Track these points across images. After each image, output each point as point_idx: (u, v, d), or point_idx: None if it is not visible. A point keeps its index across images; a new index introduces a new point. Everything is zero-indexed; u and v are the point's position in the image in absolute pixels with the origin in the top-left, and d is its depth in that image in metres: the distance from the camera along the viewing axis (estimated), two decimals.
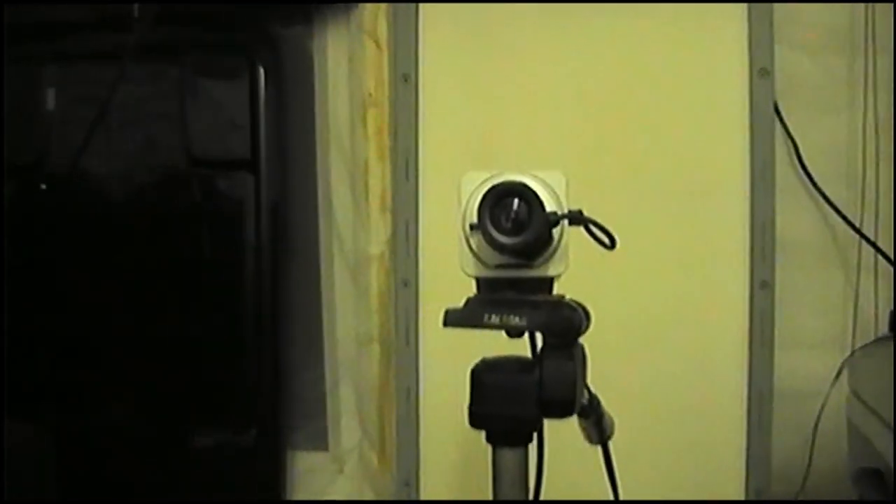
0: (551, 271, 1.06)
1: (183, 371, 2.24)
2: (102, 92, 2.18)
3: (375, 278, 2.22)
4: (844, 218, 2.10)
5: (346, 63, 2.26)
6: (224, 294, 2.25)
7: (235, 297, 2.23)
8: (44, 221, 2.26)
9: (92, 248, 2.26)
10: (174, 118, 2.23)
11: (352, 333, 2.30)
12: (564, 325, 1.05)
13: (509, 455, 1.09)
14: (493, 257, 1.04)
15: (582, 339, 1.12)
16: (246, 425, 2.22)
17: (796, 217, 2.12)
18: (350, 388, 2.32)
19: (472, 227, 1.02)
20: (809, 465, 2.07)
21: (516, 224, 1.00)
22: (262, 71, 2.22)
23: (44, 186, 2.26)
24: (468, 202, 1.04)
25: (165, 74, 2.23)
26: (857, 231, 2.10)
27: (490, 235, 1.00)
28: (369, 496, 2.29)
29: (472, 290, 1.10)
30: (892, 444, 1.42)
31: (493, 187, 1.00)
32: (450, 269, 1.10)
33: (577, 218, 1.03)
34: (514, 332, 1.07)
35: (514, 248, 1.00)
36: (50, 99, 2.24)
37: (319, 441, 2.35)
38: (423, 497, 2.10)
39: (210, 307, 2.25)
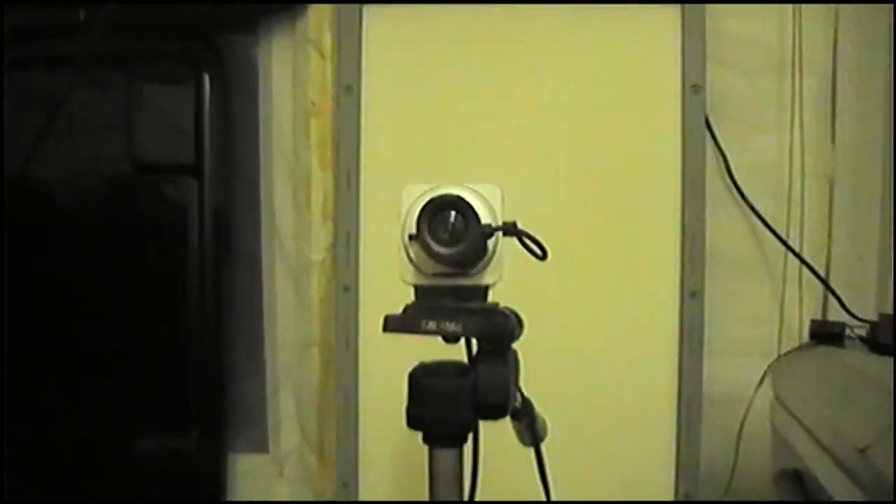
0: (486, 280, 1.11)
1: (125, 375, 2.25)
2: (45, 98, 2.18)
3: (317, 284, 2.25)
4: (772, 230, 2.16)
5: (290, 72, 2.29)
6: (167, 299, 2.26)
7: (178, 301, 2.24)
8: None
9: (34, 254, 2.26)
10: (119, 125, 2.24)
11: (293, 338, 2.32)
12: (498, 332, 1.10)
13: (445, 455, 1.14)
14: (431, 266, 1.09)
15: (515, 345, 1.17)
16: (188, 429, 2.24)
17: (726, 229, 2.18)
18: (290, 392, 2.34)
19: (410, 237, 1.07)
20: (734, 468, 2.14)
21: (453, 235, 1.05)
22: (206, 78, 2.23)
23: None
24: (408, 213, 1.09)
25: (111, 81, 2.24)
26: (784, 243, 2.16)
27: (428, 246, 1.05)
28: (309, 498, 2.32)
29: (411, 296, 1.15)
30: (811, 446, 1.49)
31: (432, 200, 1.05)
32: (389, 275, 1.14)
33: (510, 230, 1.08)
34: (450, 338, 1.12)
35: (451, 259, 1.05)
36: None
37: (260, 444, 2.37)
38: (362, 498, 2.12)
39: (153, 312, 2.26)
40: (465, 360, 1.17)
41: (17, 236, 2.24)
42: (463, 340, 1.15)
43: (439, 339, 1.13)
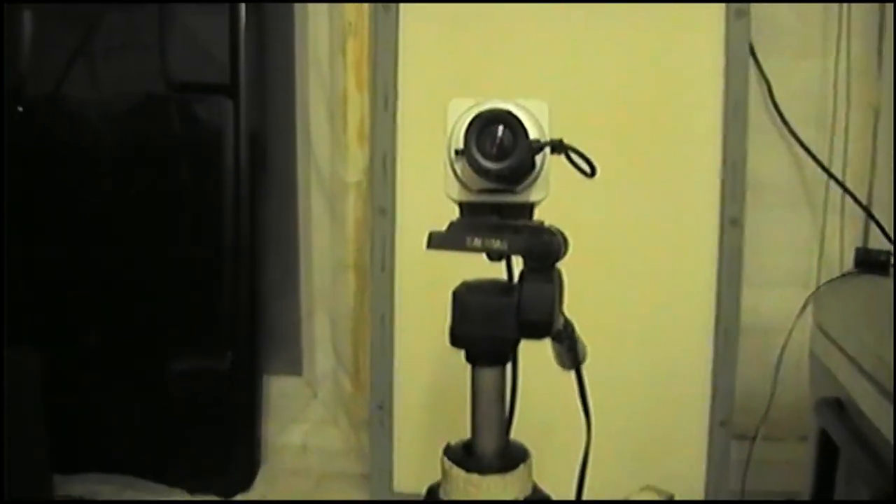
0: (533, 197, 1.09)
1: (161, 296, 2.27)
2: (80, 19, 2.18)
3: (352, 207, 2.24)
4: (815, 158, 2.14)
5: None
6: (202, 220, 2.27)
7: (214, 223, 2.25)
8: (21, 146, 2.26)
9: (70, 174, 2.28)
10: (154, 46, 2.23)
11: (328, 260, 2.32)
12: (544, 250, 1.08)
13: (488, 374, 1.13)
14: (477, 182, 1.06)
15: (560, 265, 1.16)
16: (223, 350, 2.25)
17: (768, 157, 2.16)
18: (325, 315, 2.35)
19: (457, 152, 1.05)
20: (772, 397, 2.13)
21: (501, 150, 1.02)
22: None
23: (20, 109, 2.26)
24: (454, 128, 1.07)
25: (146, 4, 2.23)
26: (827, 171, 2.14)
27: (475, 161, 1.02)
28: (343, 420, 2.33)
29: (447, 218, 1.13)
30: (853, 373, 1.47)
31: (480, 114, 1.03)
32: (426, 198, 1.13)
33: (559, 146, 1.06)
34: (495, 256, 1.10)
35: (498, 174, 1.03)
36: (27, 24, 2.24)
37: (295, 366, 2.39)
38: (396, 420, 2.13)
39: (188, 233, 2.27)
40: (506, 280, 1.15)
41: (54, 157, 2.25)
42: (503, 261, 1.13)
43: (476, 261, 1.11)
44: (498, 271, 1.15)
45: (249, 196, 2.24)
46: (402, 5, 2.10)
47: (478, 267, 1.13)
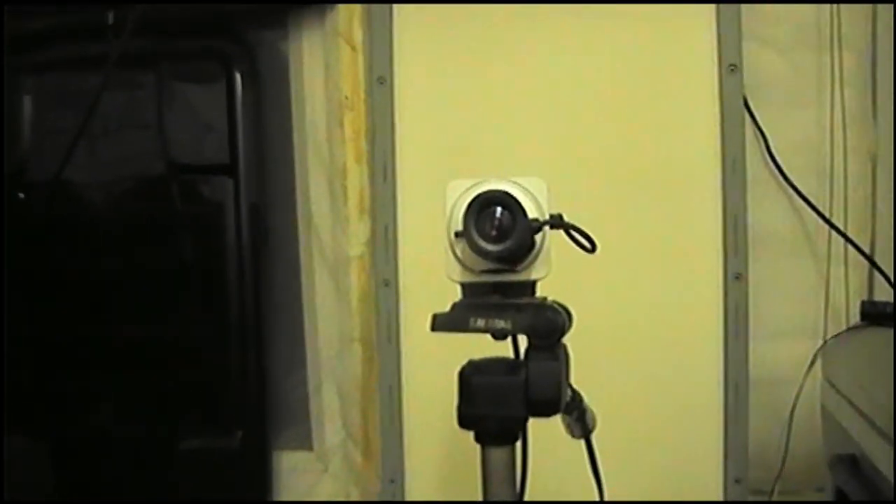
0: (534, 275, 1.10)
1: (168, 375, 2.25)
2: (78, 101, 2.19)
3: (356, 279, 2.23)
4: (815, 209, 2.14)
5: (322, 66, 2.27)
6: (207, 298, 2.26)
7: (218, 300, 2.24)
8: (24, 231, 2.26)
9: (73, 256, 2.27)
10: (152, 126, 2.23)
11: (334, 334, 2.31)
12: (549, 327, 1.08)
13: (498, 454, 1.13)
14: (478, 263, 1.07)
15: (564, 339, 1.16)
16: (231, 427, 2.24)
17: (768, 210, 2.16)
18: (333, 388, 2.33)
19: (457, 234, 1.05)
20: (786, 452, 2.12)
21: (500, 231, 1.03)
22: (238, 76, 2.22)
23: (21, 195, 2.27)
24: (453, 210, 1.07)
25: (142, 82, 2.24)
26: (828, 222, 2.14)
27: (475, 243, 1.03)
28: (355, 495, 2.31)
29: (451, 288, 1.13)
30: (865, 429, 1.46)
31: (477, 196, 1.03)
32: (429, 269, 1.13)
33: (558, 223, 1.06)
34: (499, 335, 1.10)
35: (499, 255, 1.03)
36: (27, 108, 2.25)
37: (304, 441, 2.37)
38: (408, 494, 2.11)
39: (193, 311, 2.26)
40: (511, 355, 1.15)
41: (55, 238, 2.25)
42: (510, 341, 1.13)
43: (505, 339, 1.11)
44: (503, 345, 1.15)
45: (252, 272, 2.23)
46: (396, 79, 2.11)
47: (483, 339, 1.13)
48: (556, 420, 1.39)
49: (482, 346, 1.14)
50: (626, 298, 2.06)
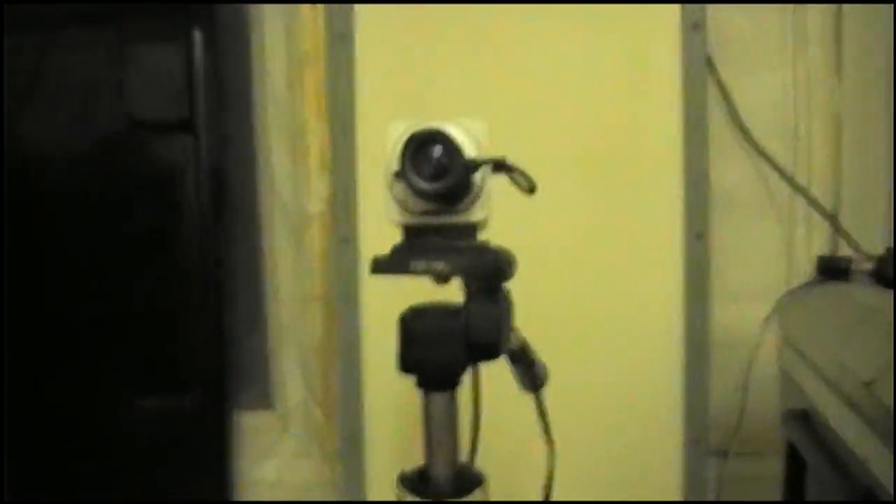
0: (474, 217, 1.08)
1: (126, 336, 2.24)
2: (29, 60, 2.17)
3: (316, 237, 2.22)
4: (778, 170, 2.14)
5: (281, 23, 2.25)
6: (165, 257, 2.24)
7: (176, 259, 2.23)
8: None
9: (29, 215, 2.25)
10: (111, 84, 2.21)
11: (294, 293, 2.31)
12: (488, 269, 1.07)
13: (439, 399, 1.12)
14: (417, 204, 1.06)
15: (509, 285, 1.14)
16: (190, 387, 2.23)
17: (731, 170, 2.16)
18: (293, 347, 2.33)
19: (394, 174, 1.04)
20: (742, 411, 2.11)
21: (437, 170, 1.01)
22: (197, 33, 2.20)
23: None
24: (392, 151, 1.05)
25: (101, 41, 2.22)
26: (791, 183, 2.13)
27: (411, 182, 1.01)
28: (315, 453, 2.31)
29: None
30: (818, 383, 1.46)
31: (414, 135, 1.02)
32: (389, 226, 1.12)
33: (496, 163, 1.05)
34: (439, 278, 1.09)
35: (436, 194, 1.02)
36: None
37: (264, 400, 2.37)
38: (367, 452, 2.10)
39: (151, 270, 2.24)
40: (453, 302, 1.13)
41: (11, 198, 2.23)
42: (462, 282, 1.11)
43: (441, 286, 1.10)
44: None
45: (212, 230, 2.22)
46: (356, 35, 2.08)
47: (443, 292, 1.11)
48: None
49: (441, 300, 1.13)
50: (586, 258, 2.05)
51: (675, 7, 2.01)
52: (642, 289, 2.06)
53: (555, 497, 1.39)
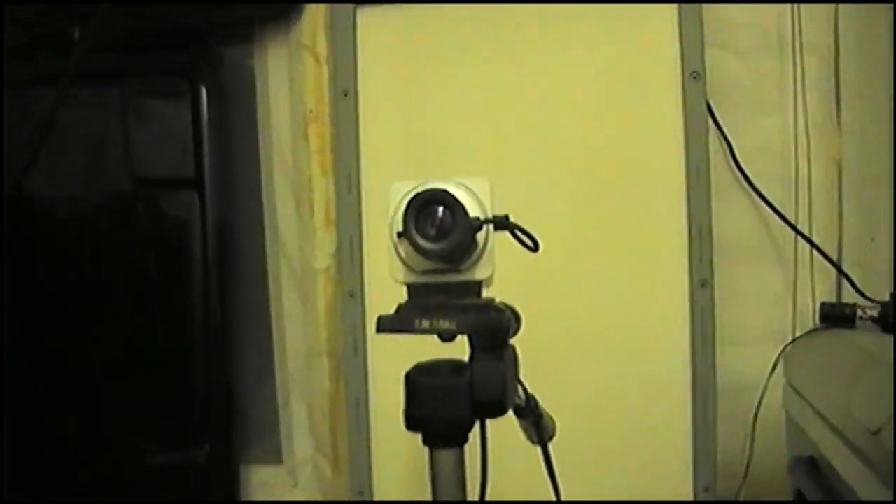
0: (478, 275, 1.09)
1: (133, 391, 2.24)
2: (39, 115, 2.18)
3: (322, 291, 2.23)
4: (780, 215, 2.15)
5: (286, 79, 2.28)
6: (173, 312, 2.25)
7: (184, 315, 2.23)
8: None
9: (37, 270, 2.26)
10: (118, 140, 2.23)
11: (301, 346, 2.31)
12: (493, 327, 1.08)
13: (445, 456, 1.12)
14: (421, 263, 1.06)
15: (515, 342, 1.15)
16: (199, 442, 2.23)
17: (733, 217, 2.17)
18: (302, 401, 2.33)
19: (398, 234, 1.05)
20: (750, 458, 2.11)
21: (440, 230, 1.02)
22: (203, 90, 2.23)
23: None
24: (396, 210, 1.07)
25: (108, 97, 2.24)
26: (794, 228, 2.15)
27: (415, 242, 1.02)
28: None
29: None
30: (825, 431, 1.46)
31: (417, 195, 1.03)
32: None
33: (499, 222, 1.06)
34: (445, 336, 1.09)
35: (440, 254, 1.03)
36: None
37: (273, 455, 2.37)
38: None
39: (159, 326, 2.25)
40: (459, 359, 1.14)
41: (19, 252, 2.24)
42: (467, 339, 1.12)
43: (453, 340, 1.10)
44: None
45: (219, 286, 2.23)
46: (360, 92, 2.10)
47: (451, 348, 1.12)
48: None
49: (448, 354, 1.13)
50: (592, 306, 2.06)
51: (675, 56, 2.03)
52: (648, 337, 2.06)
53: None
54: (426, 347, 1.12)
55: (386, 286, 1.08)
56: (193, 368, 2.24)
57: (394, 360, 1.13)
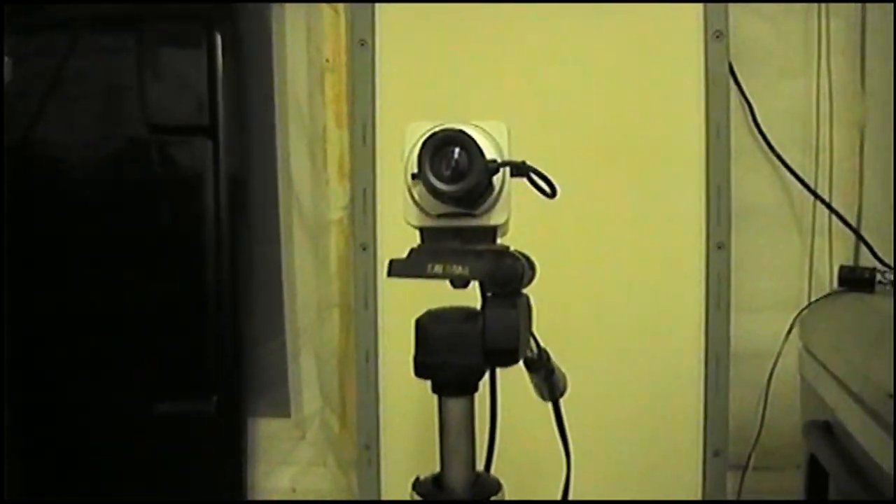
0: (493, 220, 1.06)
1: (143, 340, 2.24)
2: (51, 62, 2.17)
3: (335, 244, 2.22)
4: (800, 179, 2.12)
5: (303, 29, 2.26)
6: (184, 262, 2.24)
7: (196, 264, 2.23)
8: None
9: (50, 218, 2.25)
10: (132, 87, 2.21)
11: (312, 299, 2.30)
12: (507, 274, 1.05)
13: (455, 405, 1.10)
14: (435, 206, 1.04)
15: (528, 291, 1.13)
16: (208, 393, 2.22)
17: (752, 180, 2.14)
18: (311, 354, 2.32)
19: (413, 176, 1.03)
20: (762, 423, 2.09)
21: (456, 172, 1.00)
22: (219, 39, 2.20)
23: None
24: (410, 152, 1.04)
25: (123, 44, 2.21)
26: (814, 193, 2.13)
27: (430, 183, 1.00)
28: (331, 461, 2.30)
29: None
30: (841, 395, 1.44)
31: (433, 135, 1.00)
32: (408, 233, 1.10)
33: (516, 165, 1.04)
34: (457, 282, 1.07)
35: (455, 196, 1.00)
36: (7, 70, 2.22)
37: (281, 408, 2.36)
38: (383, 461, 2.09)
39: (170, 275, 2.24)
40: (471, 307, 1.12)
41: (32, 199, 2.23)
42: (478, 287, 1.09)
43: (460, 291, 1.08)
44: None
45: (231, 236, 2.22)
46: (377, 42, 2.08)
47: (461, 297, 1.10)
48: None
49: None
50: (606, 268, 2.04)
51: (698, 15, 2.00)
52: (663, 299, 2.04)
53: None
54: (438, 301, 1.10)
55: (399, 239, 1.06)
56: (204, 319, 2.23)
57: (405, 314, 1.11)
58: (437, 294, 1.09)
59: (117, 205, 2.24)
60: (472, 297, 1.08)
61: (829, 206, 2.12)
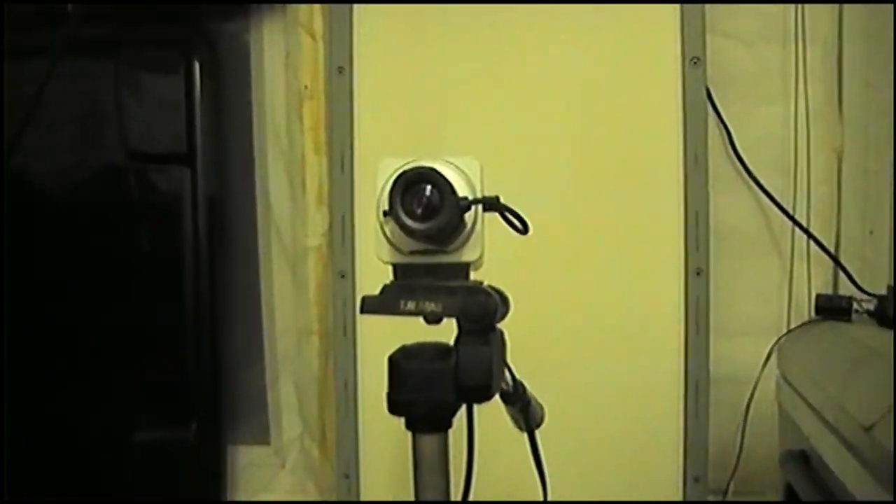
0: (466, 257, 1.06)
1: (123, 367, 2.21)
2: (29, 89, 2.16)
3: (313, 271, 2.21)
4: (778, 205, 2.13)
5: (282, 56, 2.25)
6: (162, 289, 2.22)
7: (174, 291, 2.20)
8: None
9: (28, 245, 2.23)
10: (110, 113, 2.20)
11: (291, 326, 2.29)
12: (480, 311, 1.05)
13: (428, 441, 1.10)
14: (408, 243, 1.04)
15: (503, 326, 1.12)
16: (186, 420, 2.20)
17: (731, 205, 2.15)
18: (290, 381, 2.31)
19: (384, 213, 1.02)
20: (741, 450, 2.09)
21: (427, 209, 1.00)
22: (197, 65, 2.19)
23: None
24: (382, 189, 1.04)
25: (101, 69, 2.21)
26: (792, 218, 2.13)
27: (401, 221, 1.00)
28: (311, 489, 2.29)
29: None
30: (817, 425, 1.44)
31: (403, 173, 1.00)
32: None
33: (488, 203, 1.03)
34: (430, 319, 1.07)
35: (426, 234, 1.00)
36: None
37: (261, 435, 2.35)
38: (363, 489, 2.08)
39: (148, 302, 2.22)
40: (444, 343, 1.11)
41: (9, 227, 2.21)
42: (455, 322, 1.09)
43: (440, 323, 1.08)
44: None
45: (209, 262, 2.20)
46: (355, 69, 2.08)
47: (441, 329, 1.09)
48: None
49: (437, 335, 1.10)
50: (586, 293, 2.04)
51: (676, 41, 2.00)
52: (642, 324, 2.04)
53: None
54: (417, 329, 1.10)
55: (377, 267, 1.06)
56: (182, 346, 2.21)
57: (383, 341, 1.11)
58: (415, 324, 1.09)
59: (95, 231, 2.23)
60: (450, 327, 1.08)
61: (807, 231, 2.12)
